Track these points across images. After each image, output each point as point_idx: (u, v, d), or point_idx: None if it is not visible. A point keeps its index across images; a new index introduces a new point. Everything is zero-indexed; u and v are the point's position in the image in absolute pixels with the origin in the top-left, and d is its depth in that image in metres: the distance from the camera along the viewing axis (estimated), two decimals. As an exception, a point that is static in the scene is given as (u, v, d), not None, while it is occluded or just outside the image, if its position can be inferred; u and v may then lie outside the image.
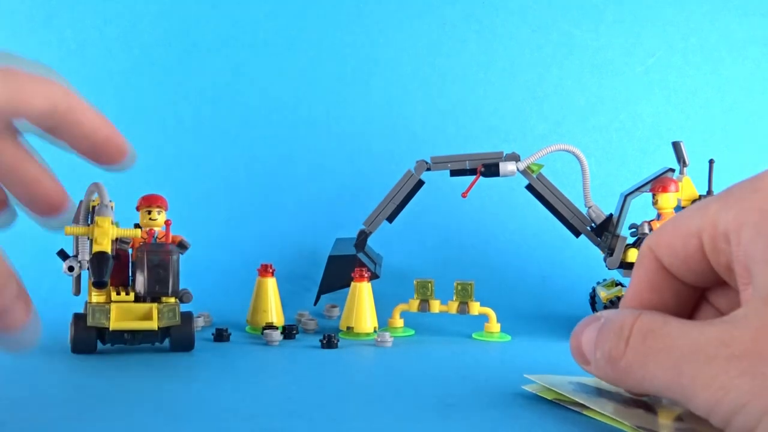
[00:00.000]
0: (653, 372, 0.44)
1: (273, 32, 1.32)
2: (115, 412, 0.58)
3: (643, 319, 0.46)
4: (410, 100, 1.32)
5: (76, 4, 1.29)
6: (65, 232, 0.74)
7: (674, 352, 0.44)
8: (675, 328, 0.45)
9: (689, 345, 0.43)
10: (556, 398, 0.61)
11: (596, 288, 1.01)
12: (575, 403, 0.58)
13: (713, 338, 0.42)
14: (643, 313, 0.47)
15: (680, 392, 0.43)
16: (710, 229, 0.46)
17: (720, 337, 0.42)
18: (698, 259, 0.48)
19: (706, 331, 0.43)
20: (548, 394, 0.62)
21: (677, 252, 0.49)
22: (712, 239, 0.46)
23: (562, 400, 0.60)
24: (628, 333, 0.46)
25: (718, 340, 0.42)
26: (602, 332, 0.49)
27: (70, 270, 0.77)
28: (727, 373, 0.41)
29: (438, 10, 1.34)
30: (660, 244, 0.50)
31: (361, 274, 0.90)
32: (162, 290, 0.78)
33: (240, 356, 0.79)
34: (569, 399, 0.59)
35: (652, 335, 0.45)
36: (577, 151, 0.96)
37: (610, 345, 0.47)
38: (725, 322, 0.43)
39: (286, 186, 1.28)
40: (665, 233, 0.50)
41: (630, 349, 0.46)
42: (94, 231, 0.75)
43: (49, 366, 0.73)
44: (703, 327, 0.44)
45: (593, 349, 0.49)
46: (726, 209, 0.45)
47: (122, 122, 1.29)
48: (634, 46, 1.36)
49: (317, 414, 0.59)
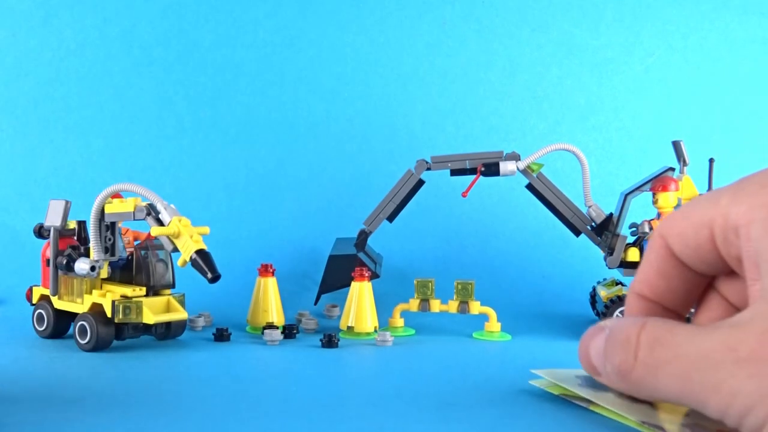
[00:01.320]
0: (665, 382, 0.45)
1: (273, 32, 1.32)
2: (115, 411, 0.58)
3: (649, 329, 0.47)
4: (410, 100, 1.32)
5: (75, 3, 1.29)
6: (152, 233, 0.76)
7: (683, 361, 0.44)
8: (681, 336, 0.45)
9: (697, 352, 0.44)
10: (563, 393, 0.61)
11: (596, 287, 1.01)
12: (581, 398, 0.58)
13: (720, 343, 0.43)
14: (648, 321, 0.47)
15: (693, 399, 0.44)
16: (721, 220, 0.47)
17: (726, 342, 0.43)
18: (709, 248, 0.48)
19: (712, 337, 0.44)
20: (554, 389, 0.62)
21: (688, 241, 0.49)
22: (723, 231, 0.47)
23: (568, 395, 0.60)
24: (635, 345, 0.47)
25: (724, 344, 0.43)
26: (609, 344, 0.49)
27: (93, 270, 0.78)
28: (735, 377, 0.42)
29: (438, 9, 1.34)
30: (671, 232, 0.50)
31: (361, 274, 0.90)
32: (168, 282, 0.82)
33: (240, 356, 0.79)
34: (575, 394, 0.59)
35: (660, 345, 0.46)
36: (577, 150, 0.96)
37: (619, 359, 0.48)
38: (731, 326, 0.43)
39: (286, 186, 1.28)
40: (677, 222, 0.50)
41: (639, 362, 0.46)
42: (185, 230, 0.75)
43: (48, 365, 0.73)
44: (709, 332, 0.44)
45: (603, 362, 0.50)
46: (737, 203, 0.46)
47: (122, 122, 1.31)
48: (633, 45, 1.36)
49: (317, 414, 0.59)
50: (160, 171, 1.26)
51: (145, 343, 0.82)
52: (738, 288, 0.51)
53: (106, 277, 0.83)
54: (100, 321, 0.78)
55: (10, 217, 1.20)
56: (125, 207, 0.78)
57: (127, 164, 1.26)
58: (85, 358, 0.76)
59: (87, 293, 0.81)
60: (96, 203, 0.79)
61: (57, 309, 0.84)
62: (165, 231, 0.75)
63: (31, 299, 0.87)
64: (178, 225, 0.75)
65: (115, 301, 0.78)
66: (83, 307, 0.81)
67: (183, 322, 0.83)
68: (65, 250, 0.81)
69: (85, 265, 0.78)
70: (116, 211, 0.79)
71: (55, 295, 0.83)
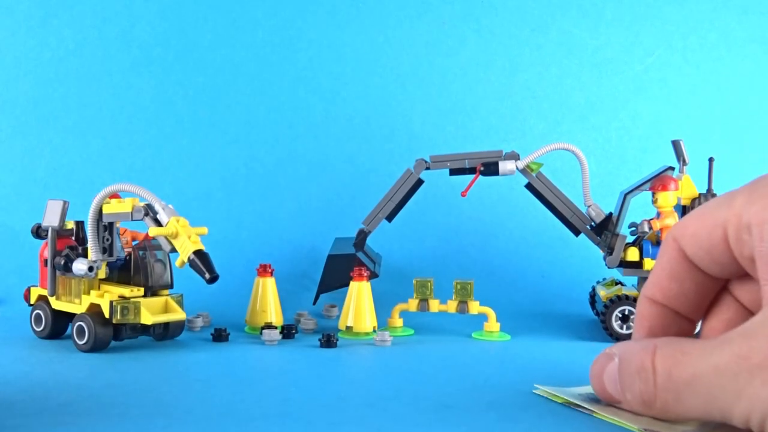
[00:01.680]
0: (689, 404, 0.46)
1: (272, 32, 1.32)
2: (113, 412, 0.58)
3: (662, 354, 0.47)
4: (410, 100, 1.32)
5: (74, 4, 1.29)
6: (150, 233, 0.75)
7: (702, 379, 0.45)
8: (695, 354, 0.46)
9: (713, 367, 0.44)
10: (566, 402, 0.60)
11: (596, 287, 1.01)
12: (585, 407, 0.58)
13: (733, 354, 0.43)
14: (658, 345, 0.47)
15: (719, 415, 0.45)
16: (735, 220, 0.47)
17: (739, 352, 0.43)
18: (722, 249, 0.48)
19: (724, 349, 0.44)
20: (558, 398, 0.61)
21: (702, 242, 0.49)
22: (737, 230, 0.47)
23: (571, 404, 0.60)
24: (652, 374, 0.47)
25: (737, 355, 0.43)
26: (624, 374, 0.50)
27: (90, 270, 0.78)
28: (752, 384, 0.42)
29: (437, 9, 1.34)
30: (685, 234, 0.50)
31: (360, 273, 0.90)
32: (167, 282, 0.83)
33: (239, 356, 0.79)
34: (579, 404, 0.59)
35: (676, 369, 0.46)
36: (577, 149, 0.95)
37: (639, 389, 0.48)
38: (742, 335, 0.44)
39: (285, 186, 1.27)
40: (690, 223, 0.50)
41: (660, 390, 0.47)
42: (183, 231, 0.75)
43: (45, 366, 0.73)
44: (722, 345, 0.44)
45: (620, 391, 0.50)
46: (751, 202, 0.46)
47: (121, 122, 1.30)
48: (633, 45, 1.35)
49: (316, 415, 0.58)
50: (158, 171, 1.26)
51: (143, 344, 0.82)
52: (751, 290, 0.51)
53: (104, 277, 0.82)
54: (98, 321, 0.78)
55: (8, 216, 1.20)
56: (123, 207, 0.78)
57: (126, 164, 1.26)
58: (83, 358, 0.76)
59: (85, 294, 0.81)
60: (94, 203, 0.78)
61: (55, 309, 0.83)
62: (163, 231, 0.75)
63: (29, 300, 0.87)
64: (176, 225, 0.75)
65: (113, 301, 0.78)
66: (81, 307, 0.80)
67: (181, 323, 0.83)
68: (63, 251, 0.81)
69: (83, 266, 0.78)
70: (114, 212, 0.79)
71: (53, 295, 0.83)
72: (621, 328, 0.88)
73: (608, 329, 0.88)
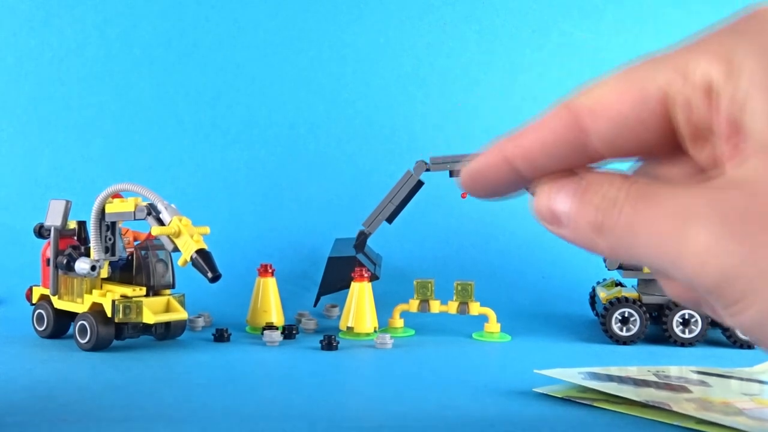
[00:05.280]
0: (644, 240, 0.40)
1: (273, 32, 1.32)
2: (114, 412, 0.58)
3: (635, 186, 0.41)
4: (410, 101, 1.32)
5: (76, 4, 1.29)
6: (153, 232, 0.76)
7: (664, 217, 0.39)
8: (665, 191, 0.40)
9: (677, 207, 0.39)
10: (566, 396, 0.61)
11: (596, 288, 1.01)
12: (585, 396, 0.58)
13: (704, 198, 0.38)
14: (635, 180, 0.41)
15: (668, 259, 0.39)
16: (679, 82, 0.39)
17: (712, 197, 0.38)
18: (650, 124, 0.40)
19: (696, 192, 0.38)
20: (558, 392, 0.62)
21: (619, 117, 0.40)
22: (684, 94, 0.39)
23: (572, 396, 0.60)
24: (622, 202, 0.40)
25: (708, 199, 0.38)
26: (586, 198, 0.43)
27: (93, 269, 0.78)
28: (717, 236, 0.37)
29: (438, 10, 1.34)
30: (594, 108, 0.41)
31: (361, 274, 0.90)
32: (169, 282, 0.83)
33: (240, 358, 0.79)
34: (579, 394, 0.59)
35: (644, 202, 0.40)
36: (577, 151, 0.95)
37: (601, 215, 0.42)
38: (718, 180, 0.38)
39: (286, 186, 1.28)
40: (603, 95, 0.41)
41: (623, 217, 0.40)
42: (186, 230, 0.75)
43: (47, 365, 0.73)
44: (694, 188, 0.39)
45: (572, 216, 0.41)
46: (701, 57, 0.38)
47: (122, 122, 1.30)
48: (633, 45, 1.36)
49: (316, 417, 0.59)
50: (160, 171, 1.26)
51: (145, 343, 0.82)
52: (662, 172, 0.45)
53: (106, 276, 0.83)
54: (100, 321, 0.78)
55: (10, 216, 1.20)
56: (126, 207, 0.78)
57: (128, 164, 1.26)
58: (85, 357, 0.76)
59: (87, 293, 0.81)
60: (96, 203, 0.79)
61: (57, 309, 0.84)
62: (166, 230, 0.75)
63: (31, 299, 0.87)
64: (178, 224, 0.75)
65: (115, 300, 0.78)
66: (83, 306, 0.81)
67: (183, 322, 0.83)
68: (65, 250, 0.81)
69: (86, 265, 0.78)
70: (117, 211, 0.79)
71: (55, 294, 0.83)
72: (621, 330, 0.88)
73: (608, 331, 0.88)
